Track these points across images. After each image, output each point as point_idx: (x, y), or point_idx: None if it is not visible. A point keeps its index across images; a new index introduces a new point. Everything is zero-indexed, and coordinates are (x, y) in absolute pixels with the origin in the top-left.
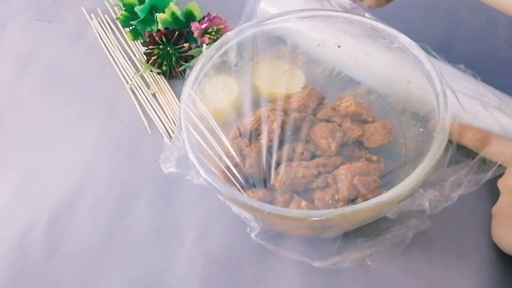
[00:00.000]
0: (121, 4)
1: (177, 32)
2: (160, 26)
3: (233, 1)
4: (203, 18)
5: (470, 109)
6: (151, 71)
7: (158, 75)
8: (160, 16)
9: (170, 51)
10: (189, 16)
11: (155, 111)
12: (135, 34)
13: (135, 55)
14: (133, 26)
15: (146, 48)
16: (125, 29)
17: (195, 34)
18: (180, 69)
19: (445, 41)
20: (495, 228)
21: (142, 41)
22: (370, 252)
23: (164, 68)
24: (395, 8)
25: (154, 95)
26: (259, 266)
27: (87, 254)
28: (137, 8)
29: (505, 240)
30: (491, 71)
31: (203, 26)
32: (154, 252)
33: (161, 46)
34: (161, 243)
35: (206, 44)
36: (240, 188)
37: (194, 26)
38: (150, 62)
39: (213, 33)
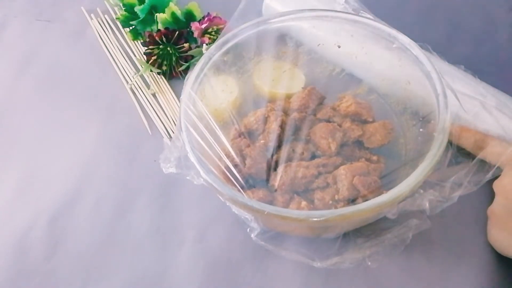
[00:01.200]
0: (121, 4)
1: (177, 32)
2: (160, 26)
3: (233, 1)
4: (203, 18)
5: (470, 109)
6: (151, 71)
7: (158, 75)
8: (160, 16)
9: (170, 51)
10: (189, 16)
11: (155, 111)
12: (135, 34)
13: (135, 55)
14: (133, 26)
15: (146, 48)
16: (125, 29)
17: (195, 34)
18: (180, 69)
19: (445, 41)
20: (490, 229)
21: (142, 41)
22: (370, 252)
23: (164, 68)
24: (395, 8)
25: (154, 95)
26: (259, 266)
27: (87, 254)
28: (137, 8)
29: (499, 241)
30: (491, 71)
31: (203, 26)
32: (154, 252)
33: (161, 46)
34: (161, 243)
35: (206, 44)
36: (240, 189)
37: (194, 26)
38: (150, 62)
39: (213, 33)
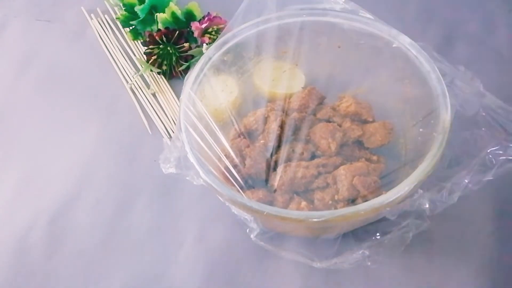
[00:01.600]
0: (121, 4)
1: (177, 32)
2: (160, 26)
3: (233, 1)
4: (203, 17)
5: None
6: (151, 71)
7: (158, 75)
8: (160, 16)
9: (170, 51)
10: (189, 16)
11: (155, 111)
12: (135, 34)
13: (135, 55)
14: (133, 26)
15: (146, 48)
16: (125, 29)
17: (195, 34)
18: (180, 69)
19: (445, 41)
20: None
21: (142, 41)
22: (370, 253)
23: (164, 68)
24: (395, 8)
25: (154, 95)
26: (259, 267)
27: (87, 254)
28: (137, 8)
29: None
30: (492, 71)
31: (203, 25)
32: (154, 252)
33: (161, 46)
34: (161, 243)
35: (206, 44)
36: (240, 189)
37: (194, 25)
38: (150, 62)
39: (213, 33)
